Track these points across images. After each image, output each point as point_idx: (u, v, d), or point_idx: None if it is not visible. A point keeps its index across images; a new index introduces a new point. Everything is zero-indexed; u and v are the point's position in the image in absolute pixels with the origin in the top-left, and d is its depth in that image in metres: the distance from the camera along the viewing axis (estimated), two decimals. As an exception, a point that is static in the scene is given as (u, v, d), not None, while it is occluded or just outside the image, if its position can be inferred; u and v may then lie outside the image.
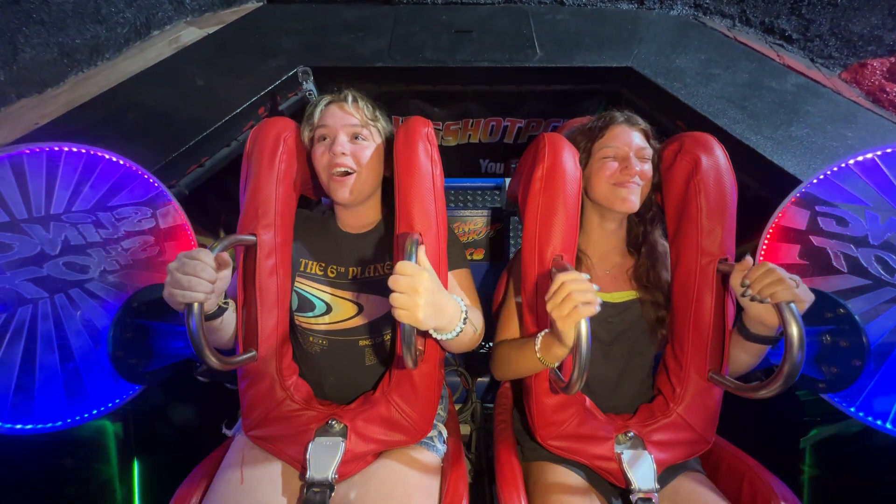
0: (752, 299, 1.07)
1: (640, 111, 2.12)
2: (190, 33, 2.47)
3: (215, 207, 2.10)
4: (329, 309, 1.33)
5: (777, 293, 1.00)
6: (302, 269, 1.36)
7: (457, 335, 1.06)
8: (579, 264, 1.38)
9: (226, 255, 1.08)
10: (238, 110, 1.95)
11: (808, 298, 1.04)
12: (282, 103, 2.17)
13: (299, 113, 2.25)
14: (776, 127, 1.82)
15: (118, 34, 2.33)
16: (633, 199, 1.28)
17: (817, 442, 1.47)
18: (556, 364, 1.10)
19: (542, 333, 1.11)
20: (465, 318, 1.08)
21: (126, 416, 1.55)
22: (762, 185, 1.73)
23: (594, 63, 2.18)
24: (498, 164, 2.89)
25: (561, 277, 0.96)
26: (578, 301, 0.92)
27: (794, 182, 1.59)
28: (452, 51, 2.22)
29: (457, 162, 2.81)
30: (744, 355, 1.23)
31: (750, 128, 1.82)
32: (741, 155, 1.75)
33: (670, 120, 2.06)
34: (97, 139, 1.73)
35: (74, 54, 2.25)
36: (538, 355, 1.11)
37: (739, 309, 1.26)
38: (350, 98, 1.33)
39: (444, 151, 2.62)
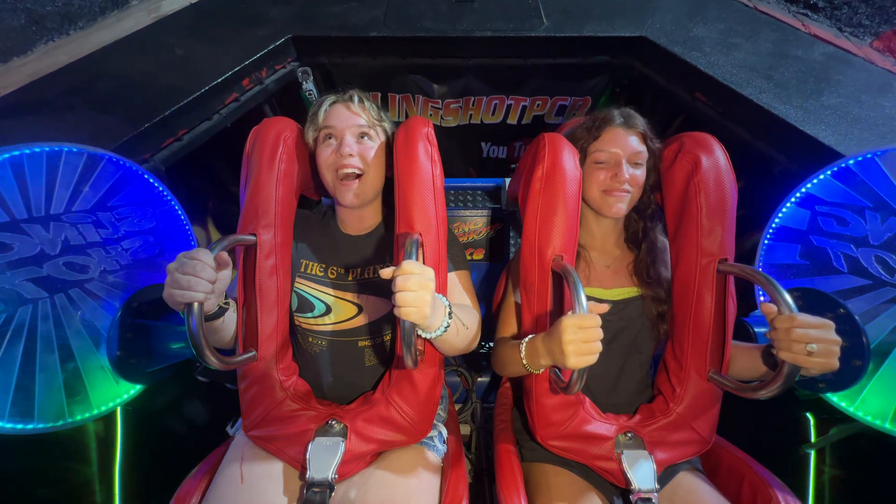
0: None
1: (654, 85, 2.19)
2: (171, 2, 2.49)
3: (200, 189, 2.15)
4: (329, 310, 1.43)
5: (783, 350, 1.05)
6: (302, 269, 1.45)
7: (442, 333, 1.12)
8: (579, 259, 1.48)
9: (225, 255, 1.14)
10: (219, 80, 1.97)
11: (826, 367, 1.03)
12: (268, 76, 2.20)
13: (287, 87, 2.31)
14: (806, 97, 1.83)
15: (93, 2, 2.35)
16: (621, 206, 1.39)
17: (817, 442, 1.56)
18: (541, 370, 1.23)
19: (526, 340, 1.22)
20: (449, 313, 1.14)
21: (124, 415, 1.62)
22: (791, 159, 1.76)
23: (605, 33, 2.18)
24: (501, 147, 2.91)
25: (590, 318, 1.05)
26: (594, 350, 1.04)
27: (829, 153, 1.62)
28: (453, 20, 2.23)
29: (457, 146, 2.84)
30: (753, 369, 1.29)
31: (777, 97, 1.83)
32: (768, 126, 1.80)
33: (688, 92, 2.09)
34: (62, 110, 1.78)
35: (44, 22, 2.27)
36: (524, 361, 1.22)
37: (743, 312, 1.37)
38: (356, 98, 1.41)
39: (444, 133, 2.67)
